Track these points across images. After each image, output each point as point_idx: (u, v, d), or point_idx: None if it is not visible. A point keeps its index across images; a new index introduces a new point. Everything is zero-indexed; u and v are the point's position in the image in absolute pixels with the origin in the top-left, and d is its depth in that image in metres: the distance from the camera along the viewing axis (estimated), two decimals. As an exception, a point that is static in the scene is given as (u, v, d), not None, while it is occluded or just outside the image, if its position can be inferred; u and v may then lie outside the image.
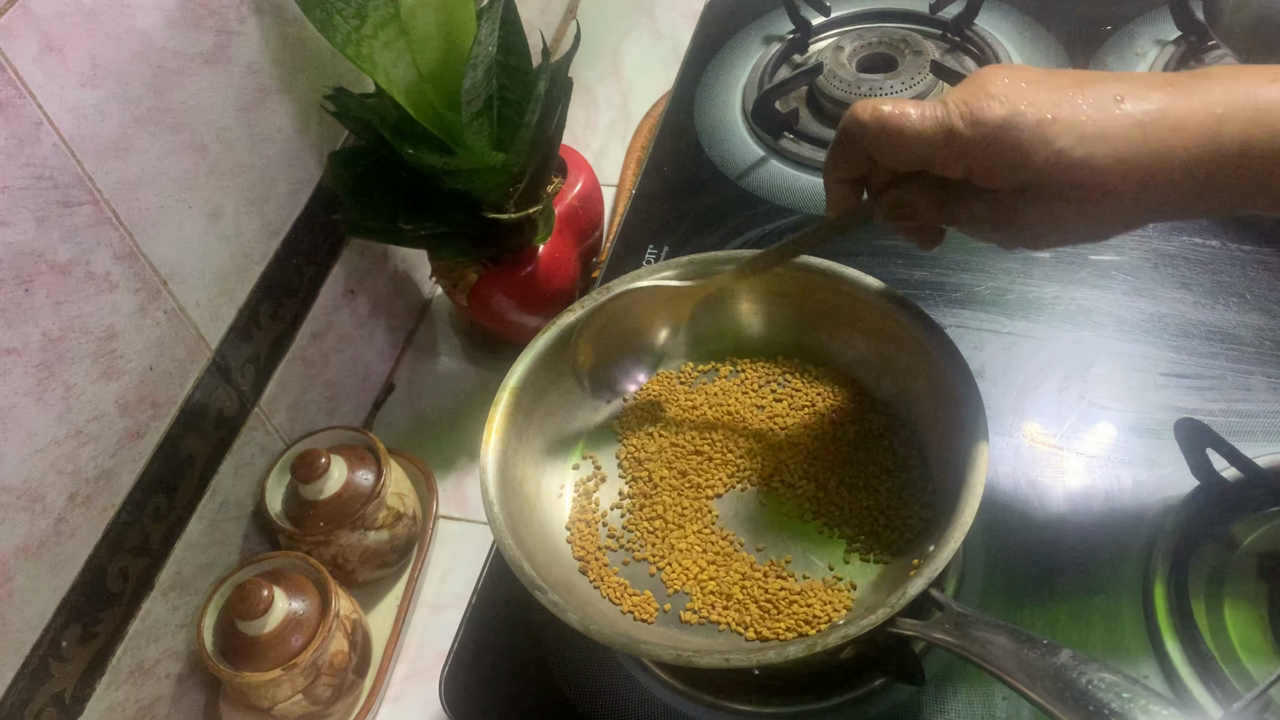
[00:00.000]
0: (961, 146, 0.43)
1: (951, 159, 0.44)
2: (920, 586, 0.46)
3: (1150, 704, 0.38)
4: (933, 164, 0.45)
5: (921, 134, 0.44)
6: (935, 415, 0.55)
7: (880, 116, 0.45)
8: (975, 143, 0.43)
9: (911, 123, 0.44)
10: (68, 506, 0.54)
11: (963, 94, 0.44)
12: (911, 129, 0.44)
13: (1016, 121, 0.42)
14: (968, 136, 0.43)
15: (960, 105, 0.43)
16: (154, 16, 0.57)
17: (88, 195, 0.54)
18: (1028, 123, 0.42)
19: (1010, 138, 0.42)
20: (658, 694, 0.57)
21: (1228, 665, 0.51)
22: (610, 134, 1.00)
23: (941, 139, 0.43)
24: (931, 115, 0.44)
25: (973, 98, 0.43)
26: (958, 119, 0.43)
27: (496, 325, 0.80)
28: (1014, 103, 0.42)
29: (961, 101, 0.43)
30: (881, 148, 0.46)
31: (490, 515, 0.53)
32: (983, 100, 0.43)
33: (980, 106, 0.43)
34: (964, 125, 0.43)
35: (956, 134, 0.43)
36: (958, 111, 0.43)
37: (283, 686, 0.60)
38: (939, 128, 0.43)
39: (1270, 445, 0.59)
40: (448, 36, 0.67)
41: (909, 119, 0.44)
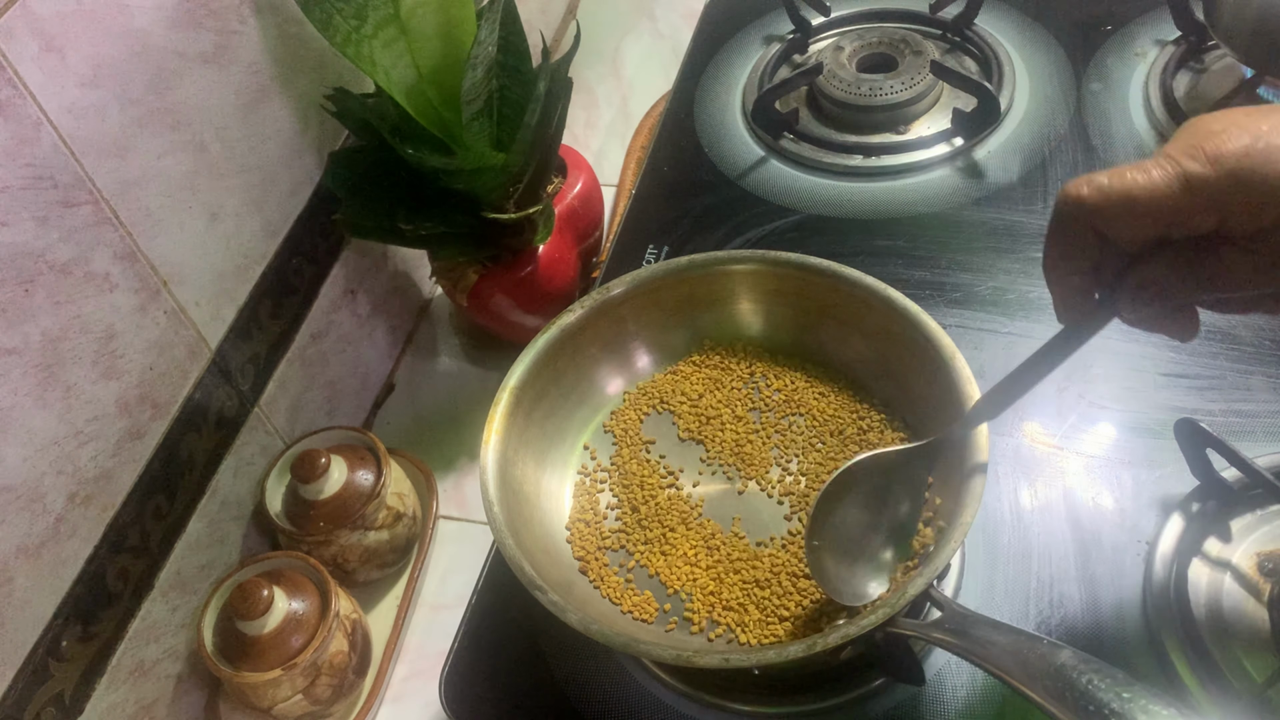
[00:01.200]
0: (1207, 190, 0.39)
1: (1198, 209, 0.39)
2: (920, 586, 0.46)
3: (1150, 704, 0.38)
4: (1176, 220, 0.40)
5: (1155, 190, 0.39)
6: (935, 415, 0.55)
7: (1101, 187, 0.40)
8: (1222, 181, 0.38)
9: (1140, 183, 0.39)
10: (68, 506, 0.54)
11: (1184, 141, 0.39)
12: (1142, 189, 0.39)
13: (1262, 145, 0.38)
14: (1210, 176, 0.38)
15: (1188, 149, 0.39)
16: (154, 16, 0.57)
17: (88, 195, 0.54)
18: (1275, 144, 0.38)
19: (1259, 163, 0.38)
20: (658, 694, 0.57)
21: (1228, 666, 0.51)
22: (610, 134, 1.00)
23: (1181, 189, 0.39)
24: (1159, 168, 0.39)
25: (1199, 138, 0.39)
26: (1191, 162, 0.39)
27: (496, 325, 0.80)
28: (1250, 130, 0.38)
29: (1188, 145, 0.39)
30: (1112, 219, 0.40)
31: (490, 515, 0.53)
32: (1212, 137, 0.39)
33: (1214, 143, 0.39)
34: (1201, 165, 0.38)
35: (1195, 176, 0.39)
36: (1188, 155, 0.39)
37: (283, 686, 0.60)
38: (1174, 179, 0.39)
39: (1270, 445, 0.59)
40: (448, 36, 0.67)
41: (1135, 181, 0.39)
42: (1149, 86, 0.79)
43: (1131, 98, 0.79)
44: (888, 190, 0.78)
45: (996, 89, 0.80)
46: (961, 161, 0.79)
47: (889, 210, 0.77)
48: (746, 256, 0.62)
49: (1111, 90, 0.81)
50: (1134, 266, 0.42)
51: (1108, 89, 0.81)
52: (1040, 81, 0.83)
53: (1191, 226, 0.40)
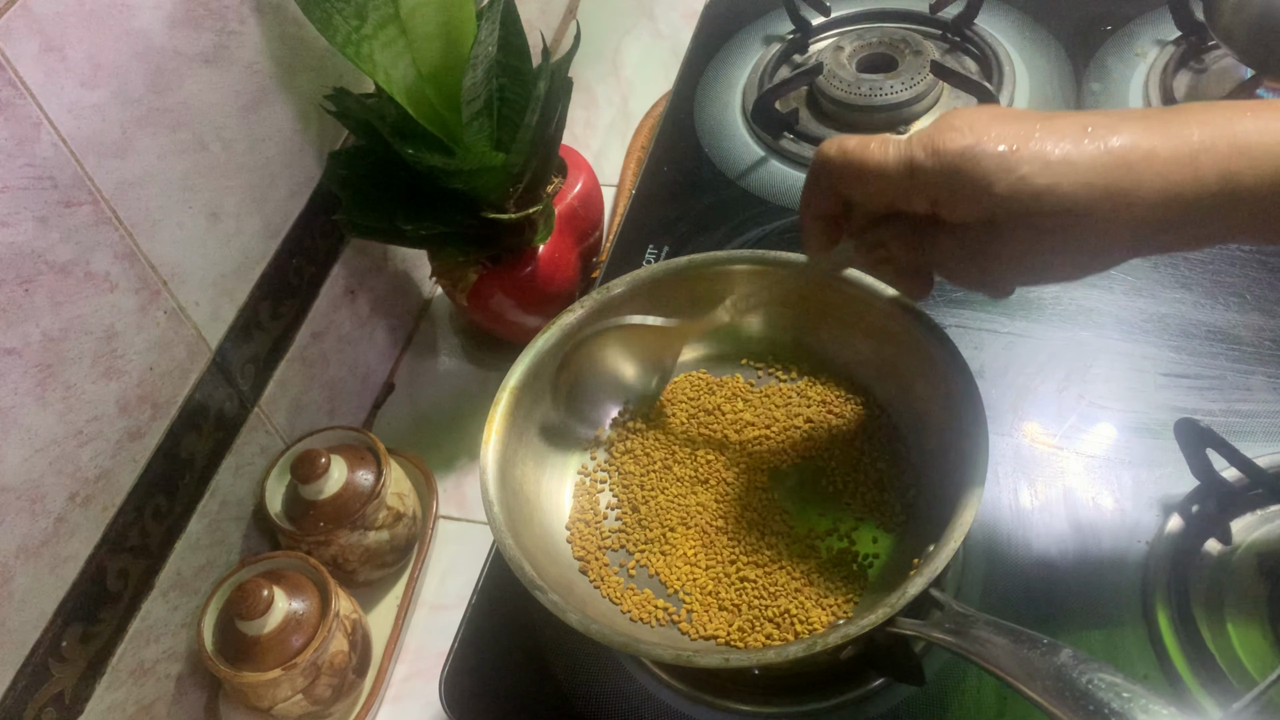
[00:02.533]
0: (924, 177, 0.43)
1: (915, 191, 0.44)
2: (920, 586, 0.46)
3: (1150, 704, 0.38)
4: (898, 198, 0.45)
5: (884, 166, 0.44)
6: (935, 415, 0.55)
7: (845, 150, 0.45)
8: (937, 172, 0.43)
9: (874, 155, 0.44)
10: (68, 506, 0.54)
11: (928, 129, 0.44)
12: (874, 161, 0.44)
13: (977, 150, 0.42)
14: (929, 167, 0.43)
15: (924, 138, 0.43)
16: (154, 16, 0.57)
17: (88, 195, 0.54)
18: (989, 152, 0.41)
19: (971, 166, 0.42)
20: (658, 694, 0.57)
21: (1228, 665, 0.51)
22: (610, 134, 1.00)
23: (905, 171, 0.43)
24: (895, 148, 0.44)
25: (936, 131, 0.43)
26: (919, 150, 0.43)
27: (496, 325, 0.80)
28: (978, 133, 0.42)
29: (925, 135, 0.43)
30: (847, 181, 0.46)
31: (490, 515, 0.53)
32: (946, 132, 0.43)
33: (943, 138, 0.43)
34: (925, 156, 0.43)
35: (918, 165, 0.43)
36: (920, 143, 0.43)
37: (283, 686, 0.60)
38: (901, 159, 0.44)
39: (1270, 445, 0.59)
40: (448, 36, 0.67)
41: (871, 152, 0.45)
42: (1149, 86, 0.79)
43: (1131, 98, 0.79)
44: (888, 190, 0.78)
45: (996, 89, 0.80)
46: (961, 161, 0.79)
47: (889, 210, 0.77)
48: (746, 256, 0.62)
49: (1111, 90, 0.81)
50: (869, 227, 0.49)
51: (1108, 89, 0.81)
52: (1040, 81, 0.83)
53: (909, 204, 0.45)
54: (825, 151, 0.47)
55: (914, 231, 0.46)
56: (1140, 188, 0.40)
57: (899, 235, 0.47)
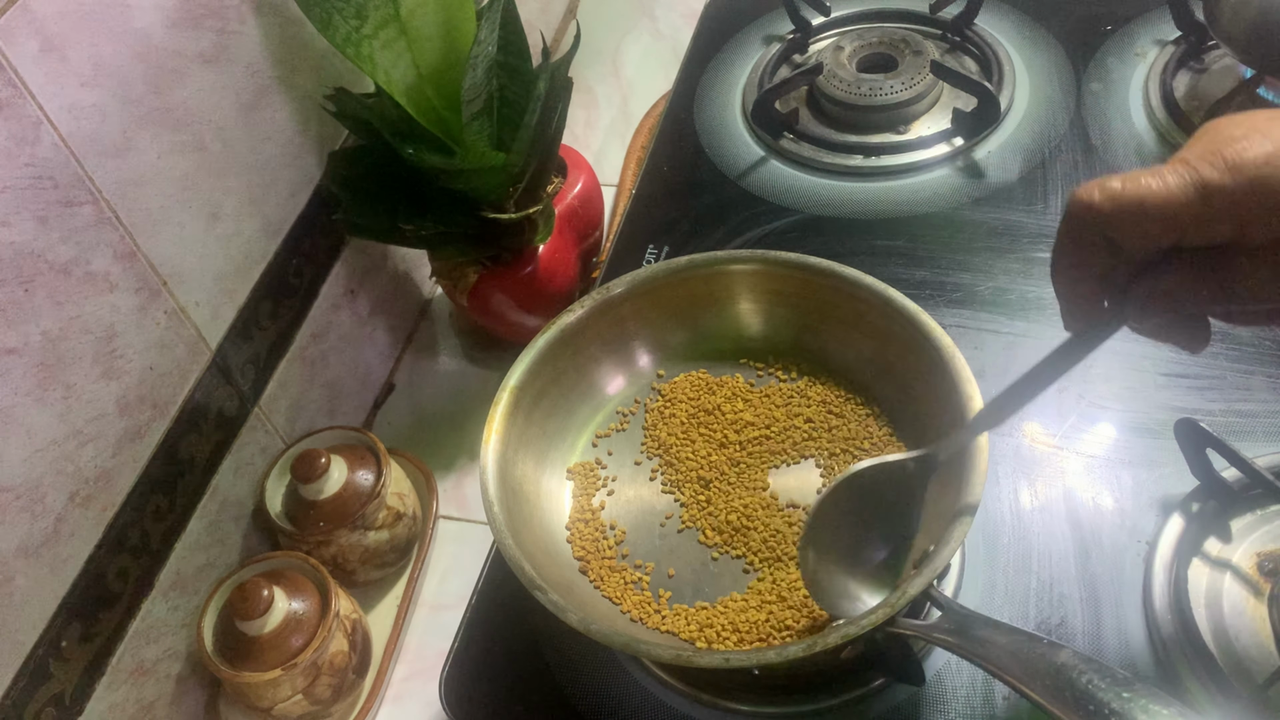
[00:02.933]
0: (1225, 199, 0.37)
1: (1215, 218, 0.37)
2: (920, 586, 0.46)
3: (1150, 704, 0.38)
4: (1190, 231, 0.38)
5: (1170, 198, 0.37)
6: (935, 415, 0.55)
7: (1113, 193, 0.38)
8: (1240, 189, 0.37)
9: (1154, 190, 0.38)
10: (68, 506, 0.54)
11: (1202, 146, 0.38)
12: (1156, 196, 0.38)
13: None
14: (1229, 184, 0.37)
15: (1207, 155, 0.37)
16: (154, 16, 0.57)
17: (88, 195, 0.54)
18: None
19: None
20: (658, 694, 0.57)
21: (1228, 665, 0.51)
22: (610, 134, 1.00)
23: (1197, 197, 0.37)
24: (1175, 174, 0.38)
25: (1219, 144, 0.38)
26: (1210, 170, 0.37)
27: (496, 325, 0.80)
28: (1271, 137, 0.37)
29: (1207, 151, 0.38)
30: (1124, 227, 0.39)
31: (490, 515, 0.53)
32: (1232, 144, 0.37)
33: (1234, 150, 0.37)
34: (1220, 173, 0.37)
35: (1213, 184, 0.37)
36: (1206, 161, 0.37)
37: (283, 686, 0.60)
38: (1189, 185, 0.37)
39: (1270, 445, 0.59)
40: (448, 36, 0.67)
41: (1149, 187, 0.38)
42: (1149, 86, 0.79)
43: (1131, 98, 0.79)
44: (888, 190, 0.78)
45: (996, 89, 0.80)
46: (961, 161, 0.79)
47: (889, 210, 0.77)
48: (746, 256, 0.62)
49: (1111, 90, 0.81)
50: (1145, 274, 0.40)
51: (1108, 89, 0.81)
52: (1040, 81, 0.83)
53: (1208, 236, 0.38)
54: (1086, 199, 0.39)
55: (1207, 267, 0.39)
56: None
57: (1190, 275, 0.39)
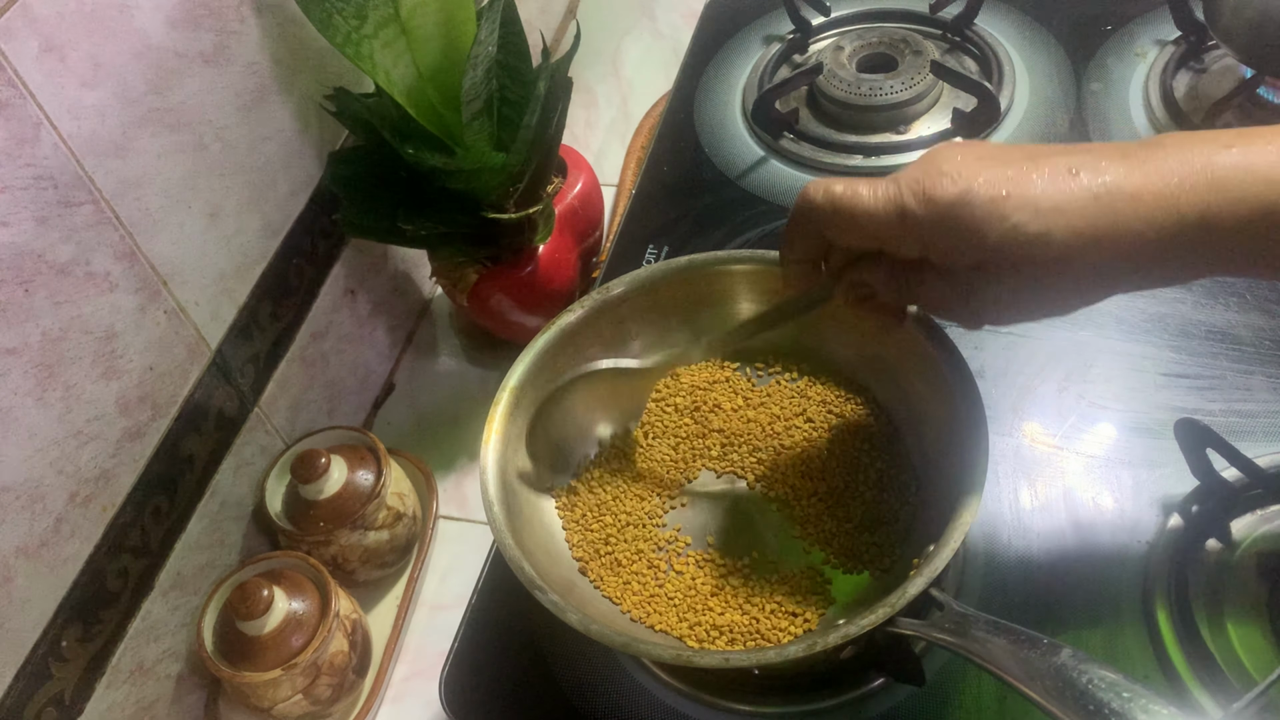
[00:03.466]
0: (916, 225, 0.43)
1: (906, 238, 0.44)
2: (920, 586, 0.46)
3: (1150, 703, 0.38)
4: (888, 243, 0.45)
5: (874, 213, 0.44)
6: (935, 415, 0.55)
7: (833, 196, 0.45)
8: (929, 221, 0.42)
9: (864, 202, 0.44)
10: (68, 506, 0.54)
11: (915, 172, 0.43)
12: (864, 208, 0.44)
13: (970, 199, 0.41)
14: (921, 215, 0.42)
15: (913, 184, 0.43)
16: (154, 16, 0.57)
17: (88, 195, 0.54)
18: (981, 199, 0.41)
19: (964, 214, 0.42)
20: (658, 694, 0.57)
21: (1228, 665, 0.51)
22: (610, 134, 1.00)
23: (895, 218, 0.43)
24: (885, 194, 0.43)
25: (925, 176, 0.43)
26: (910, 197, 0.43)
27: (496, 325, 0.80)
28: (967, 179, 0.42)
29: (914, 180, 0.43)
30: (835, 227, 0.46)
31: (490, 515, 0.53)
32: (935, 178, 0.42)
33: (933, 184, 0.42)
34: (917, 204, 0.42)
35: (909, 213, 0.43)
36: (910, 190, 0.43)
37: (283, 686, 0.60)
38: (892, 206, 0.43)
39: (1270, 445, 0.59)
40: (448, 36, 0.67)
41: (861, 199, 0.44)
42: (1149, 86, 0.79)
43: (1131, 98, 0.79)
44: (888, 190, 0.78)
45: (996, 89, 0.80)
46: (961, 161, 0.79)
47: (889, 210, 0.77)
48: (746, 256, 0.62)
49: (1111, 90, 0.81)
50: (852, 265, 0.48)
51: (1108, 89, 0.81)
52: (1040, 81, 0.83)
53: (901, 250, 0.45)
54: (812, 197, 0.46)
55: (898, 271, 0.46)
56: (1126, 231, 0.41)
57: (884, 274, 0.47)
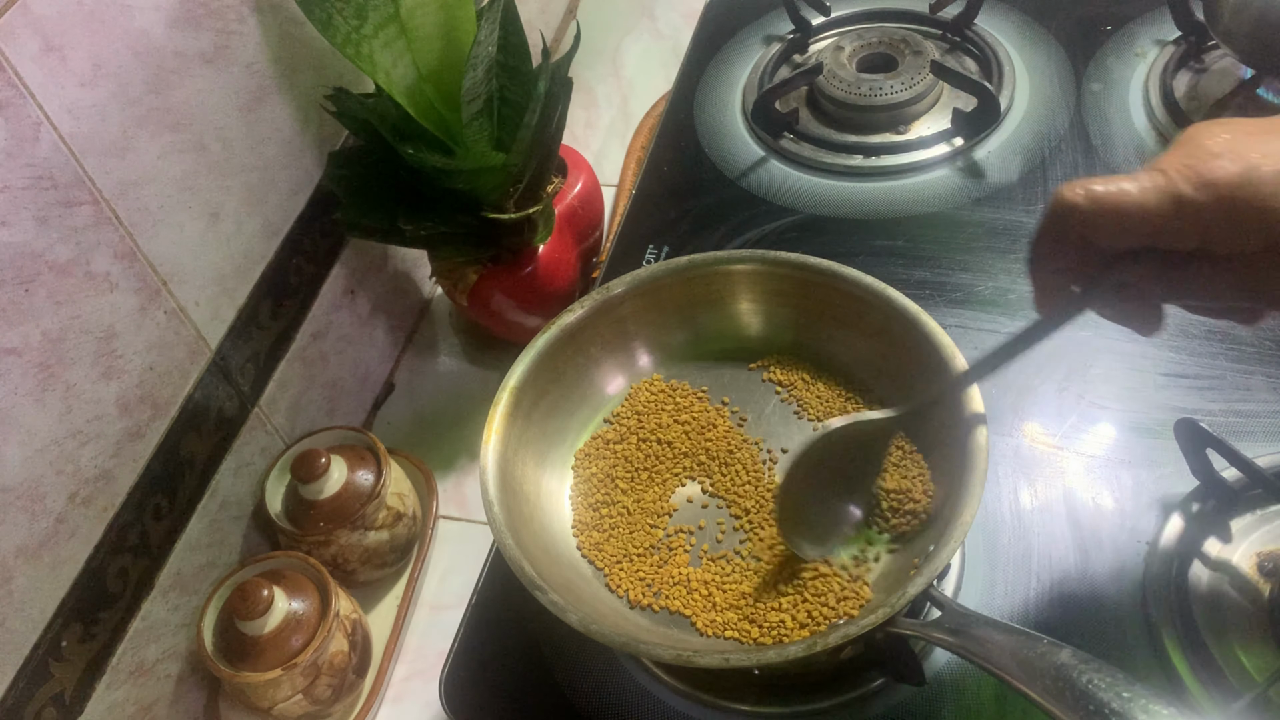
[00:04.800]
0: (1195, 214, 0.39)
1: (1184, 229, 0.40)
2: (920, 586, 0.46)
3: (1150, 703, 0.38)
4: (1162, 237, 0.41)
5: (1146, 207, 0.40)
6: (935, 415, 0.55)
7: (1095, 196, 0.41)
8: (1211, 207, 0.39)
9: (1132, 197, 0.40)
10: (68, 506, 0.54)
11: (1181, 157, 0.40)
12: (1133, 204, 0.40)
13: (1254, 176, 0.38)
14: (1201, 201, 0.39)
15: (1184, 169, 0.39)
16: (154, 16, 0.57)
17: (88, 195, 0.54)
18: (1267, 176, 0.38)
19: (1250, 195, 0.38)
20: (658, 694, 0.57)
21: (1227, 665, 0.51)
22: (610, 134, 1.00)
23: (1171, 209, 0.40)
24: (1154, 185, 0.40)
25: (1196, 159, 0.39)
26: (1185, 184, 0.39)
27: (496, 325, 0.80)
28: (1245, 157, 0.39)
29: (1184, 165, 0.40)
30: (1102, 229, 0.42)
31: (490, 515, 0.53)
32: (1208, 160, 0.39)
33: (1209, 167, 0.39)
34: (1194, 190, 0.39)
35: (1187, 201, 0.39)
36: (1183, 176, 0.39)
37: (283, 686, 0.60)
38: (1165, 197, 0.40)
39: (1270, 445, 0.59)
40: (448, 36, 0.67)
41: (1129, 194, 0.40)
42: (1149, 86, 0.79)
43: (1131, 98, 0.79)
44: (888, 190, 0.78)
45: (996, 89, 0.80)
46: (961, 161, 0.79)
47: (889, 210, 0.77)
48: (746, 256, 0.62)
49: (1111, 90, 0.81)
50: (1115, 267, 0.43)
51: (1108, 89, 0.81)
52: (1040, 81, 0.83)
53: (1176, 243, 0.41)
54: (1070, 199, 0.42)
55: (1168, 266, 0.42)
56: None
57: (1155, 273, 0.42)
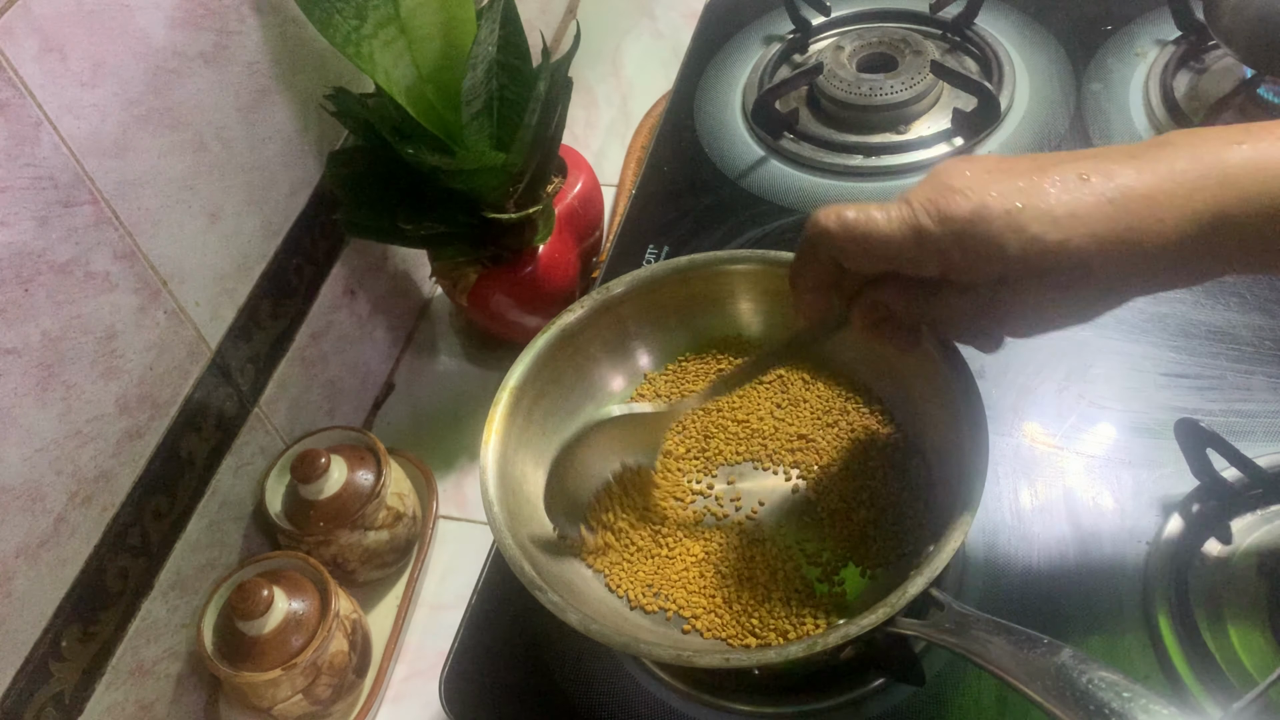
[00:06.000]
0: (933, 244, 0.42)
1: (924, 258, 0.43)
2: (920, 586, 0.46)
3: (1150, 704, 0.38)
4: (906, 264, 0.44)
5: (890, 236, 0.43)
6: (935, 415, 0.55)
7: (845, 222, 0.44)
8: (946, 239, 0.42)
9: (879, 226, 0.43)
10: (68, 506, 0.54)
11: (926, 191, 0.43)
12: (879, 232, 0.43)
13: (985, 214, 0.41)
14: (938, 234, 0.42)
15: (926, 203, 0.42)
16: (154, 16, 0.57)
17: (88, 195, 0.54)
18: (996, 213, 0.41)
19: (981, 230, 0.41)
20: (658, 694, 0.57)
21: (1228, 665, 0.51)
22: (610, 134, 1.00)
23: (912, 239, 0.43)
24: (898, 216, 0.43)
25: (937, 194, 0.42)
26: (925, 217, 0.42)
27: (496, 325, 0.80)
28: (980, 194, 0.42)
29: (927, 199, 0.43)
30: (850, 253, 0.45)
31: (490, 515, 0.53)
32: (948, 195, 0.42)
33: (947, 202, 0.42)
34: (932, 223, 0.42)
35: (926, 232, 0.42)
36: (924, 209, 0.42)
37: (282, 686, 0.60)
38: (907, 228, 0.43)
39: (1270, 445, 0.59)
40: (448, 36, 0.67)
41: (875, 222, 0.44)
42: (1149, 86, 0.79)
43: (1131, 98, 0.79)
44: (888, 190, 0.78)
45: (996, 89, 0.80)
46: (961, 161, 0.79)
47: (889, 210, 0.77)
48: (746, 256, 0.62)
49: (1111, 90, 0.81)
50: (867, 289, 0.47)
51: (1108, 89, 0.81)
52: (1040, 81, 0.83)
53: (918, 270, 0.44)
54: (824, 224, 0.45)
55: (914, 291, 0.45)
56: (1145, 232, 0.41)
57: (901, 296, 0.46)
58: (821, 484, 0.58)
